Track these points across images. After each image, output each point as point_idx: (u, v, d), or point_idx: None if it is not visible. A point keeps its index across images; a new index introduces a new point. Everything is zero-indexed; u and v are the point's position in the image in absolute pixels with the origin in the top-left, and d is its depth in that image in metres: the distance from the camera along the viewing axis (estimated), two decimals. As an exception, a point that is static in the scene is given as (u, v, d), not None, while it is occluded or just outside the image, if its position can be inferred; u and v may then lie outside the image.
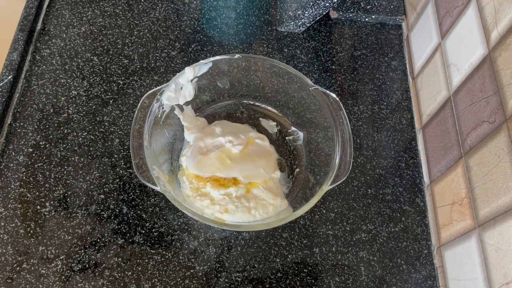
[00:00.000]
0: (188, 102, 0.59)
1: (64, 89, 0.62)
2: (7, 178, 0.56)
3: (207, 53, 0.68)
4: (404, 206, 0.59)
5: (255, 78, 0.61)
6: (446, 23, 0.59)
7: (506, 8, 0.46)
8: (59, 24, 0.68)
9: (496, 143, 0.46)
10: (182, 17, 0.71)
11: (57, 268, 0.51)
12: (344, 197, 0.59)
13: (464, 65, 0.54)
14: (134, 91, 0.63)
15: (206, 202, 0.53)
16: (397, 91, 0.68)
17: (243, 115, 0.63)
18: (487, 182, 0.47)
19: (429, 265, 0.56)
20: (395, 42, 0.72)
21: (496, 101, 0.46)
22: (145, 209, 0.56)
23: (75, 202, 0.55)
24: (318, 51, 0.70)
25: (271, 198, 0.54)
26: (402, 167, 0.62)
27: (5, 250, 0.52)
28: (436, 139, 0.59)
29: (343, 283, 0.54)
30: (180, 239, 0.54)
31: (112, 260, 0.52)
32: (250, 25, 0.72)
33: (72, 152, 0.58)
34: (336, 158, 0.52)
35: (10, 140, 0.58)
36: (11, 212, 0.54)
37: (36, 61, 0.64)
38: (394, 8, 0.74)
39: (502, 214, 0.44)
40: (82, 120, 0.61)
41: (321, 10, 0.66)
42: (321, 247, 0.56)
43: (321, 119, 0.57)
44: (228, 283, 0.53)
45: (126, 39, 0.68)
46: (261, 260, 0.54)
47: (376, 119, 0.65)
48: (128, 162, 0.58)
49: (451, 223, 0.54)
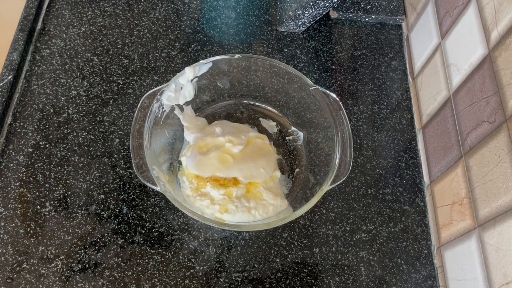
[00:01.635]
0: (188, 102, 0.59)
1: (64, 89, 0.62)
2: (7, 178, 0.56)
3: (207, 53, 0.68)
4: (404, 206, 0.59)
5: (255, 78, 0.61)
6: (446, 23, 0.59)
7: (506, 8, 0.46)
8: (59, 24, 0.68)
9: (496, 143, 0.46)
10: (182, 17, 0.71)
11: (57, 268, 0.51)
12: (344, 197, 0.59)
13: (464, 65, 0.54)
14: (134, 91, 0.63)
15: (206, 202, 0.53)
16: (397, 91, 0.68)
17: (243, 115, 0.63)
18: (487, 182, 0.47)
19: (429, 265, 0.56)
20: (395, 42, 0.72)
21: (496, 101, 0.46)
22: (145, 209, 0.56)
23: (75, 202, 0.55)
24: (318, 51, 0.70)
25: (271, 198, 0.54)
26: (402, 167, 0.62)
27: (5, 250, 0.52)
28: (436, 139, 0.59)
29: (343, 283, 0.54)
30: (180, 239, 0.54)
31: (112, 260, 0.52)
32: (250, 25, 0.72)
33: (72, 152, 0.58)
34: (336, 158, 0.52)
35: (10, 140, 0.58)
36: (11, 212, 0.54)
37: (36, 61, 0.64)
38: (394, 8, 0.74)
39: (502, 214, 0.44)
40: (82, 120, 0.61)
41: (321, 10, 0.66)
42: (321, 247, 0.56)
43: (321, 119, 0.57)
44: (228, 283, 0.53)
45: (126, 39, 0.68)
46: (261, 260, 0.54)
47: (376, 119, 0.65)
48: (128, 162, 0.58)
49: (451, 223, 0.54)
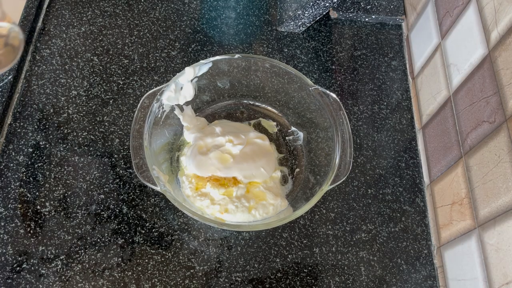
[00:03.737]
0: (188, 102, 0.59)
1: (64, 89, 0.62)
2: (7, 178, 0.56)
3: (207, 53, 0.68)
4: (404, 206, 0.59)
5: (255, 78, 0.61)
6: (446, 23, 0.59)
7: (506, 8, 0.46)
8: (59, 24, 0.68)
9: (496, 143, 0.46)
10: (182, 17, 0.71)
11: (57, 268, 0.51)
12: (344, 197, 0.59)
13: (464, 65, 0.54)
14: (134, 91, 0.63)
15: (206, 202, 0.53)
16: (397, 91, 0.68)
17: (243, 115, 0.63)
18: (487, 182, 0.47)
19: (429, 265, 0.56)
20: (395, 42, 0.72)
21: (496, 101, 0.46)
22: (145, 209, 0.56)
23: (75, 202, 0.55)
24: (318, 51, 0.70)
25: (271, 198, 0.54)
26: (402, 167, 0.62)
27: (5, 250, 0.52)
28: (436, 139, 0.59)
29: (343, 283, 0.54)
30: (180, 239, 0.54)
31: (112, 260, 0.52)
32: (250, 25, 0.72)
33: (72, 152, 0.58)
34: (336, 158, 0.52)
35: (10, 140, 0.58)
36: (11, 212, 0.54)
37: (36, 61, 0.64)
38: (394, 8, 0.74)
39: (502, 214, 0.44)
40: (82, 120, 0.61)
41: (321, 10, 0.66)
42: (321, 247, 0.56)
43: (321, 119, 0.57)
44: (228, 283, 0.53)
45: (126, 39, 0.68)
46: (261, 260, 0.54)
47: (376, 119, 0.65)
48: (128, 162, 0.58)
49: (451, 223, 0.54)
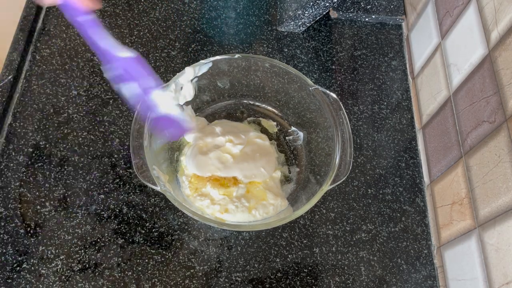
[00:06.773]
0: (188, 102, 0.59)
1: (64, 89, 0.62)
2: (7, 178, 0.56)
3: (207, 53, 0.68)
4: (404, 206, 0.59)
5: (255, 78, 0.61)
6: (446, 23, 0.59)
7: (506, 8, 0.46)
8: (59, 24, 0.68)
9: (496, 143, 0.46)
10: (182, 17, 0.71)
11: (57, 268, 0.51)
12: (344, 197, 0.59)
13: (464, 65, 0.54)
14: (134, 91, 0.63)
15: (206, 202, 0.53)
16: (397, 91, 0.68)
17: (243, 115, 0.63)
18: (487, 182, 0.47)
19: (429, 265, 0.56)
20: (395, 42, 0.72)
21: (496, 101, 0.46)
22: (145, 209, 0.56)
23: (75, 202, 0.55)
24: (318, 51, 0.70)
25: (271, 198, 0.54)
26: (402, 167, 0.62)
27: (5, 250, 0.52)
28: (436, 139, 0.59)
29: (343, 283, 0.54)
30: (180, 239, 0.54)
31: (112, 260, 0.52)
32: (250, 25, 0.72)
33: (72, 152, 0.58)
34: (336, 158, 0.52)
35: (10, 140, 0.58)
36: (11, 212, 0.54)
37: (36, 61, 0.64)
38: (394, 8, 0.74)
39: (502, 214, 0.44)
40: (82, 120, 0.61)
41: (321, 10, 0.66)
42: (321, 247, 0.56)
43: (321, 119, 0.57)
44: (228, 283, 0.53)
45: (126, 39, 0.68)
46: (261, 260, 0.54)
47: (376, 119, 0.65)
48: (128, 162, 0.58)
49: (451, 223, 0.54)
